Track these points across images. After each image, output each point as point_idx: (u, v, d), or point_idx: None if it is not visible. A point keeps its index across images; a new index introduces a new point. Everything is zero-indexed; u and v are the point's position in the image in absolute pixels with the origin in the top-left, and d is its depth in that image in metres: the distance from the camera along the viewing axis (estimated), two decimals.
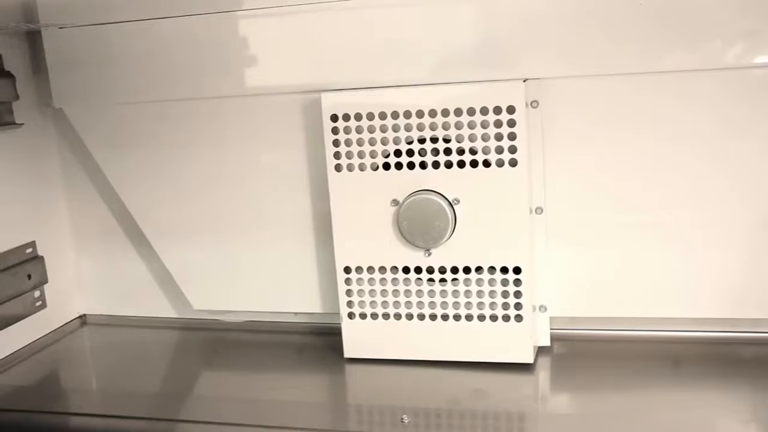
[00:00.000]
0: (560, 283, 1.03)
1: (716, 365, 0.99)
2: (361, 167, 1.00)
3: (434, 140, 0.97)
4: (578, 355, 1.05)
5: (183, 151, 1.14)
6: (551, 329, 1.03)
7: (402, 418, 0.89)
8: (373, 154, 0.99)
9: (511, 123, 0.94)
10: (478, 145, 0.95)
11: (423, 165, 0.98)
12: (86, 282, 1.29)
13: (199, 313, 1.22)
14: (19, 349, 1.17)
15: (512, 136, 0.94)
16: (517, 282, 0.98)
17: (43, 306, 1.20)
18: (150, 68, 1.10)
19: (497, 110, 0.94)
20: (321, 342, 1.15)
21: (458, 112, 0.95)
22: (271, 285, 1.15)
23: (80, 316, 1.30)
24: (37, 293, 1.18)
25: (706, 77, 0.93)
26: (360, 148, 0.99)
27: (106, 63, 1.11)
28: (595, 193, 1.00)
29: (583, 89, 0.98)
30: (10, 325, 1.13)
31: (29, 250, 1.17)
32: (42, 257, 1.19)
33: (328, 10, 1.01)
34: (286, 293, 1.15)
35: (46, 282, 1.20)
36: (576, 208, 1.01)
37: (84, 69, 1.12)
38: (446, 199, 0.97)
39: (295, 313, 1.18)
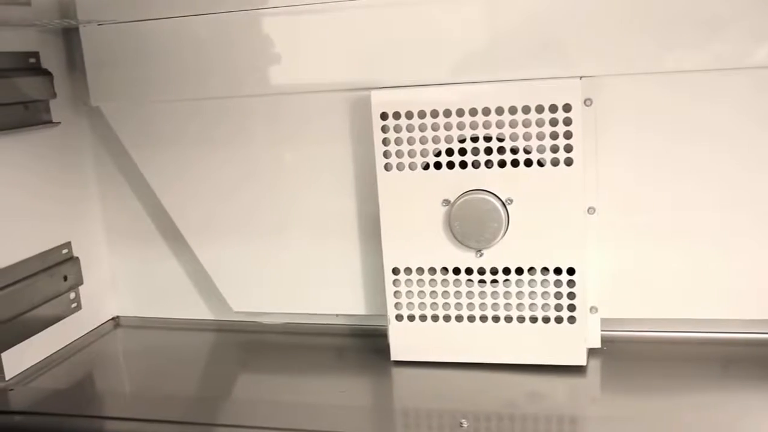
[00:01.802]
0: (611, 284, 1.01)
1: (766, 367, 0.98)
2: (411, 166, 0.98)
3: (487, 139, 0.95)
4: (628, 357, 1.03)
5: (221, 150, 1.12)
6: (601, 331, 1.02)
7: (461, 423, 0.87)
8: (423, 153, 0.97)
9: (567, 121, 0.92)
10: (533, 143, 0.94)
11: (475, 164, 0.96)
12: (119, 283, 1.27)
13: (236, 314, 1.20)
14: (56, 352, 1.15)
15: (568, 135, 0.93)
16: (571, 283, 0.96)
17: (78, 308, 1.18)
18: (187, 66, 1.08)
19: (553, 108, 0.92)
20: (363, 344, 1.13)
21: (512, 110, 0.93)
22: (312, 286, 1.13)
23: (113, 318, 1.28)
24: (72, 295, 1.16)
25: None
26: (410, 147, 0.97)
27: (142, 60, 1.09)
28: (647, 193, 0.99)
29: (638, 87, 0.96)
30: (48, 326, 1.11)
31: (65, 251, 1.15)
32: (77, 258, 1.17)
33: (377, 6, 0.99)
34: (328, 294, 1.13)
35: (82, 283, 1.18)
36: (628, 208, 1.00)
37: (121, 67, 1.10)
38: (499, 198, 0.95)
39: (336, 315, 1.16)
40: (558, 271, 0.97)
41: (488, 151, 0.95)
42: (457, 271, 1.00)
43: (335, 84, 1.04)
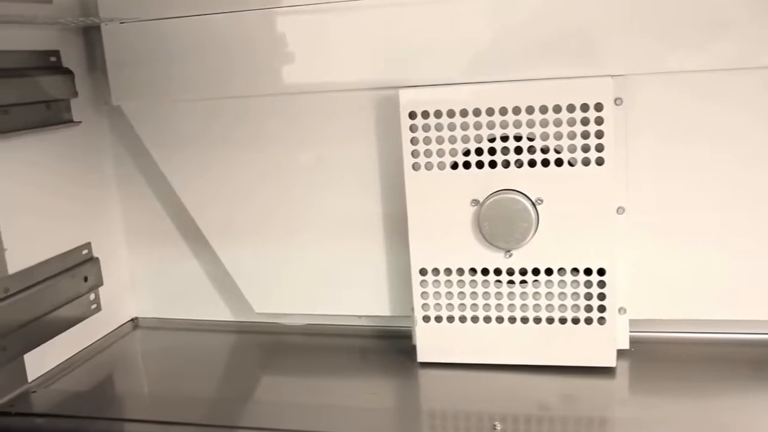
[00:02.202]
0: (639, 285, 1.00)
1: None
2: (440, 166, 0.97)
3: (517, 138, 0.94)
4: (656, 358, 1.02)
5: (243, 149, 1.11)
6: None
7: (494, 425, 0.86)
8: (452, 153, 0.96)
9: (599, 120, 0.91)
10: (563, 143, 0.93)
11: (505, 164, 0.95)
12: (138, 284, 1.26)
13: (257, 315, 1.19)
14: (76, 354, 1.13)
15: (599, 134, 0.92)
16: (601, 284, 0.95)
17: (98, 309, 1.16)
18: (209, 64, 1.07)
19: (584, 107, 0.91)
20: (387, 346, 1.12)
21: (543, 109, 0.92)
22: (334, 287, 1.12)
23: (132, 319, 1.27)
24: (92, 296, 1.15)
25: None
26: (439, 147, 0.96)
27: (164, 59, 1.08)
28: (676, 192, 0.98)
29: (668, 86, 0.95)
30: (68, 328, 1.10)
31: (85, 252, 1.14)
32: (97, 259, 1.16)
33: (403, 4, 0.98)
34: (351, 295, 1.12)
35: (102, 284, 1.16)
36: (657, 207, 0.99)
37: (142, 65, 1.09)
38: (529, 198, 0.95)
39: (359, 316, 1.15)
40: (588, 271, 0.96)
41: (518, 150, 0.94)
42: (485, 271, 0.99)
43: (360, 83, 1.03)
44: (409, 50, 0.99)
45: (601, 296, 0.96)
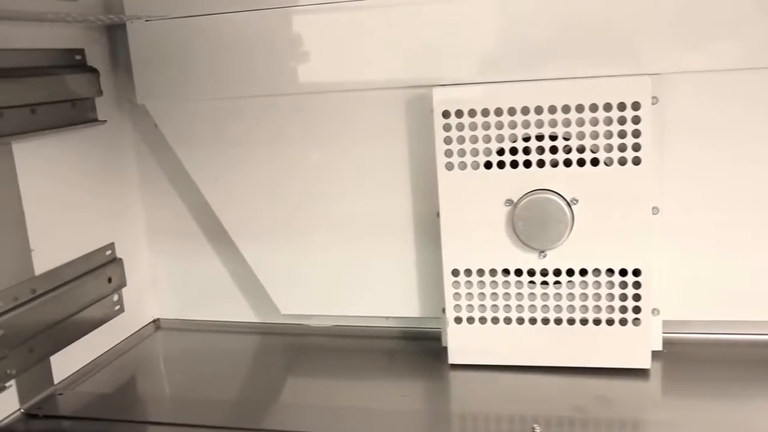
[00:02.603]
0: (672, 286, 0.99)
1: None
2: (474, 166, 0.96)
3: (553, 138, 0.93)
4: (689, 359, 1.01)
5: (268, 148, 1.09)
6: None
7: (533, 428, 0.85)
8: (486, 152, 0.95)
9: (636, 120, 0.90)
10: (600, 142, 0.92)
11: (540, 163, 0.94)
12: (160, 284, 1.24)
13: (281, 317, 1.18)
14: (100, 355, 1.12)
15: (636, 134, 0.91)
16: (637, 284, 0.94)
17: (121, 310, 1.15)
18: (234, 63, 1.06)
19: (621, 106, 0.90)
20: (415, 347, 1.11)
21: (579, 108, 0.92)
22: (362, 288, 1.11)
23: (154, 321, 1.26)
24: (115, 297, 1.14)
25: None
26: (473, 146, 0.95)
27: (190, 58, 1.07)
28: (711, 192, 0.97)
29: (704, 84, 0.94)
30: (93, 329, 1.09)
31: (108, 252, 1.13)
32: (121, 259, 1.14)
33: (437, 2, 0.97)
34: (379, 296, 1.11)
35: (125, 285, 1.15)
36: (691, 207, 0.98)
37: (167, 64, 1.08)
38: (564, 198, 0.94)
39: (387, 317, 1.14)
40: (623, 272, 0.95)
41: (553, 150, 0.93)
42: (519, 272, 0.98)
43: (390, 81, 1.02)
44: (441, 48, 0.98)
45: (637, 297, 0.95)
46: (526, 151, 0.94)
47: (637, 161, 0.91)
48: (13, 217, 0.95)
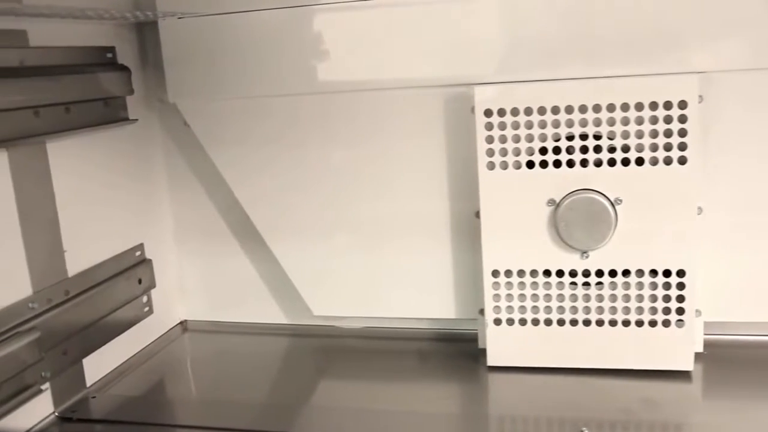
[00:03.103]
0: (713, 287, 0.98)
1: None
2: (516, 165, 0.95)
3: (597, 137, 0.92)
4: (731, 361, 1.00)
5: (301, 147, 1.08)
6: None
7: (582, 431, 0.84)
8: (528, 151, 0.94)
9: (682, 119, 0.89)
10: (645, 142, 0.91)
11: (584, 163, 0.93)
12: (187, 286, 1.23)
13: (311, 318, 1.16)
14: (130, 358, 1.11)
15: (682, 133, 0.90)
16: (681, 286, 0.93)
17: (150, 312, 1.14)
18: (266, 61, 1.04)
19: (667, 105, 0.89)
20: (449, 349, 1.10)
21: (624, 107, 0.90)
22: (396, 289, 1.09)
23: (181, 322, 1.24)
24: (144, 298, 1.12)
25: None
26: (515, 145, 0.94)
27: (221, 56, 1.05)
28: (754, 191, 0.96)
29: (749, 83, 0.93)
30: (124, 331, 1.07)
31: (138, 253, 1.11)
32: (150, 260, 1.13)
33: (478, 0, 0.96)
34: (413, 297, 1.09)
35: (154, 286, 1.14)
36: (733, 207, 0.97)
37: (199, 62, 1.06)
38: (608, 198, 0.92)
39: (420, 319, 1.13)
40: (667, 273, 0.94)
41: (597, 149, 0.92)
42: (560, 273, 0.96)
43: (427, 79, 1.00)
44: (482, 45, 0.96)
45: (680, 298, 0.94)
46: (570, 150, 0.93)
47: (683, 161, 0.90)
48: (47, 217, 0.94)
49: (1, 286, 0.87)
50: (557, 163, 0.93)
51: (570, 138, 0.93)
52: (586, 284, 0.96)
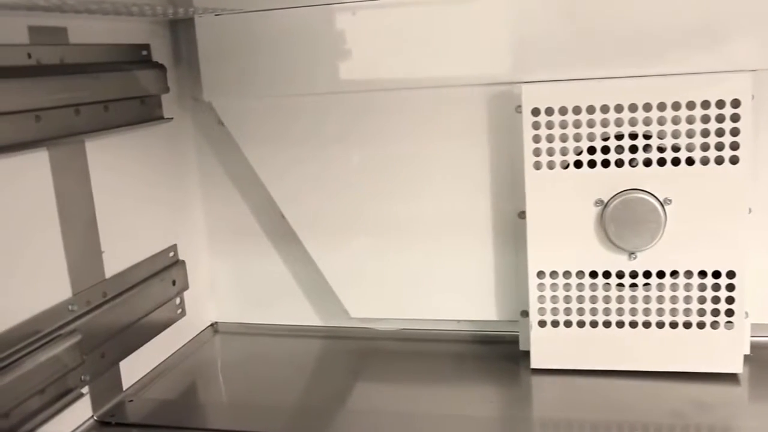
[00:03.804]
0: (761, 288, 0.97)
1: None
2: (563, 164, 0.93)
3: (647, 136, 0.90)
4: None
5: (338, 146, 1.06)
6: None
7: None
8: (576, 151, 0.93)
9: (735, 118, 0.88)
10: (696, 141, 0.89)
11: (632, 162, 0.91)
12: (218, 287, 1.21)
13: (345, 320, 1.15)
14: (164, 360, 1.09)
15: (735, 132, 0.88)
16: (730, 287, 0.92)
17: (183, 314, 1.12)
18: (304, 59, 1.03)
19: (720, 104, 0.88)
20: (489, 351, 1.08)
21: (676, 105, 0.89)
22: (435, 290, 1.08)
23: (212, 324, 1.22)
24: (177, 300, 1.11)
25: None
26: (563, 144, 0.93)
27: (258, 53, 1.04)
28: None
29: None
30: (158, 334, 1.05)
31: (171, 254, 1.09)
32: (183, 261, 1.11)
33: None
34: (451, 299, 1.08)
35: (187, 288, 1.12)
36: None
37: (235, 60, 1.05)
38: (657, 198, 0.91)
39: (458, 321, 1.11)
40: (717, 274, 0.92)
41: (647, 148, 0.91)
42: (607, 274, 0.95)
43: (470, 78, 0.99)
44: (530, 44, 0.95)
45: (730, 300, 0.92)
46: (619, 149, 0.91)
47: (734, 160, 0.89)
48: (85, 217, 0.92)
49: (42, 288, 0.85)
50: (606, 163, 0.92)
51: (619, 137, 0.91)
52: (634, 285, 0.95)
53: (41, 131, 0.82)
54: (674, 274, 0.93)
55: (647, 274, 0.94)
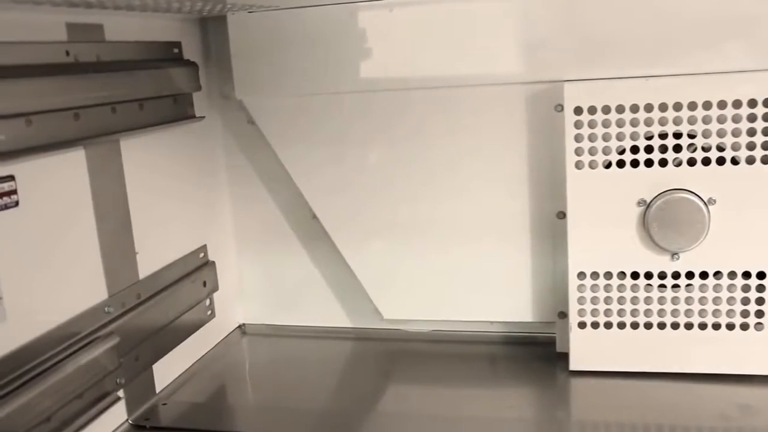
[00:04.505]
0: None
1: None
2: (605, 164, 0.92)
3: (692, 135, 0.89)
4: None
5: (371, 146, 1.05)
6: None
7: None
8: (619, 150, 0.91)
9: None
10: (741, 140, 0.88)
11: (676, 162, 0.90)
12: (246, 288, 1.19)
13: (376, 321, 1.13)
14: (195, 363, 1.07)
15: None
16: None
17: (213, 315, 1.11)
18: (337, 57, 1.02)
19: (766, 102, 0.87)
20: (522, 353, 1.07)
21: (721, 104, 0.88)
22: (470, 291, 1.06)
23: (239, 326, 1.20)
24: (207, 301, 1.09)
25: None
26: (605, 144, 0.91)
27: (291, 51, 1.02)
28: None
29: None
30: (189, 335, 1.04)
31: (201, 255, 1.08)
32: (213, 262, 1.09)
33: None
34: (487, 300, 1.06)
35: (217, 289, 1.10)
36: None
37: (268, 58, 1.03)
38: (701, 198, 0.90)
39: (491, 322, 1.10)
40: (761, 275, 0.91)
41: (691, 148, 0.90)
42: (649, 275, 0.94)
43: (511, 76, 0.97)
44: (571, 41, 0.94)
45: None
46: (662, 149, 0.90)
47: None
48: (120, 217, 0.91)
49: (79, 289, 0.84)
50: (649, 162, 0.91)
51: (662, 136, 0.90)
52: (676, 286, 0.94)
53: (80, 130, 0.81)
54: (717, 274, 0.92)
55: (690, 275, 0.93)
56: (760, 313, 0.92)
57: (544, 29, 0.94)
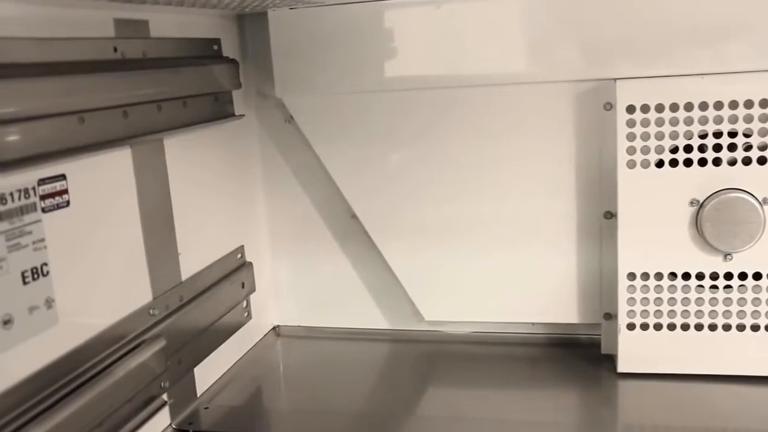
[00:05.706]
0: None
1: None
2: (658, 163, 0.90)
3: (747, 134, 0.88)
4: None
5: (414, 145, 1.04)
6: None
7: None
8: (672, 149, 0.90)
9: None
10: None
11: (731, 161, 0.89)
12: (280, 289, 1.18)
13: (414, 323, 1.12)
14: (233, 365, 1.05)
15: None
16: None
17: (249, 317, 1.09)
18: (379, 55, 1.00)
19: None
20: (565, 355, 1.06)
21: None
22: (512, 292, 1.05)
23: (274, 328, 1.19)
24: (244, 303, 1.07)
25: None
26: (658, 143, 0.90)
27: (331, 49, 1.01)
28: None
29: None
30: (228, 338, 1.02)
31: (239, 256, 1.06)
32: (251, 263, 1.08)
33: None
34: (527, 301, 1.05)
35: (254, 290, 1.09)
36: None
37: (309, 55, 1.02)
38: (756, 198, 0.89)
39: (533, 324, 1.08)
40: None
41: (746, 147, 0.88)
42: (700, 276, 0.92)
43: (560, 74, 0.96)
44: (622, 39, 0.92)
45: None
46: (717, 148, 0.89)
47: None
48: (164, 218, 0.89)
49: (126, 291, 0.82)
50: (702, 162, 0.89)
51: (717, 135, 0.88)
52: (728, 287, 0.92)
53: (128, 128, 0.79)
54: None
55: (743, 276, 0.91)
56: None
57: (595, 27, 0.93)
